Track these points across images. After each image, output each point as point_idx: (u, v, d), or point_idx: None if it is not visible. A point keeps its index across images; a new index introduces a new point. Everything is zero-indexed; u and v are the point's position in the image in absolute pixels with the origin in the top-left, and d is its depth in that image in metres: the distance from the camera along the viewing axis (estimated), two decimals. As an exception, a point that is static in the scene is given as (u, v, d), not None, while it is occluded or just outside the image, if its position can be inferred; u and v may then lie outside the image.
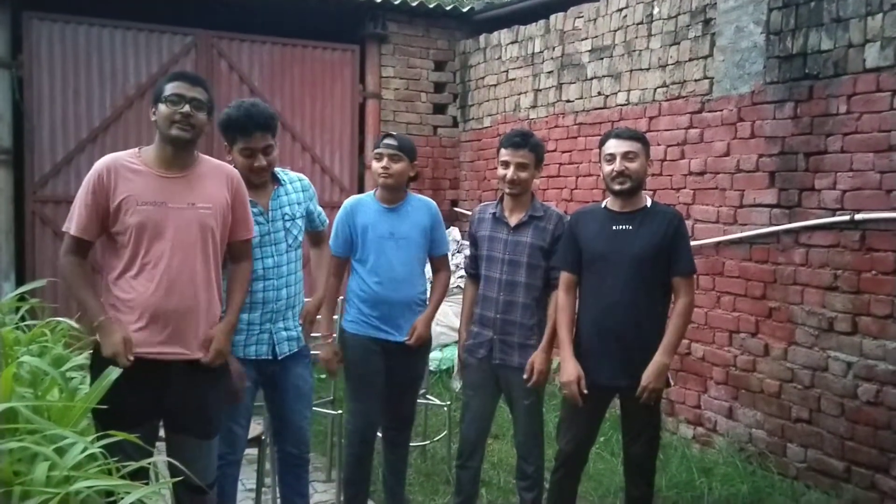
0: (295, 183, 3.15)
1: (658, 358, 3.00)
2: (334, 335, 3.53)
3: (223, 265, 2.72)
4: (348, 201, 3.50)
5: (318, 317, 3.39)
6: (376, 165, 3.37)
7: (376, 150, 3.38)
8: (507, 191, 3.27)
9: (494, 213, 3.35)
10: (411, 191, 3.52)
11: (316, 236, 3.37)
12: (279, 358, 3.05)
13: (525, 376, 3.21)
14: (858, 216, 3.72)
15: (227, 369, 2.76)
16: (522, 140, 3.21)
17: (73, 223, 2.52)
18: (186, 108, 2.50)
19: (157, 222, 2.49)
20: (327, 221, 3.38)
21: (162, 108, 2.52)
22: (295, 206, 3.10)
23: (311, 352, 3.32)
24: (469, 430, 3.41)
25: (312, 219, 3.25)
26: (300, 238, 3.15)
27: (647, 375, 2.98)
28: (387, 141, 3.37)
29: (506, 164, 3.22)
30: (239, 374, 2.86)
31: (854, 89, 3.76)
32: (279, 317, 3.04)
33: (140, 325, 2.48)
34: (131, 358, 2.44)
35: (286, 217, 3.06)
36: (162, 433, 2.70)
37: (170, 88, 2.53)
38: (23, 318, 3.06)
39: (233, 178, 2.70)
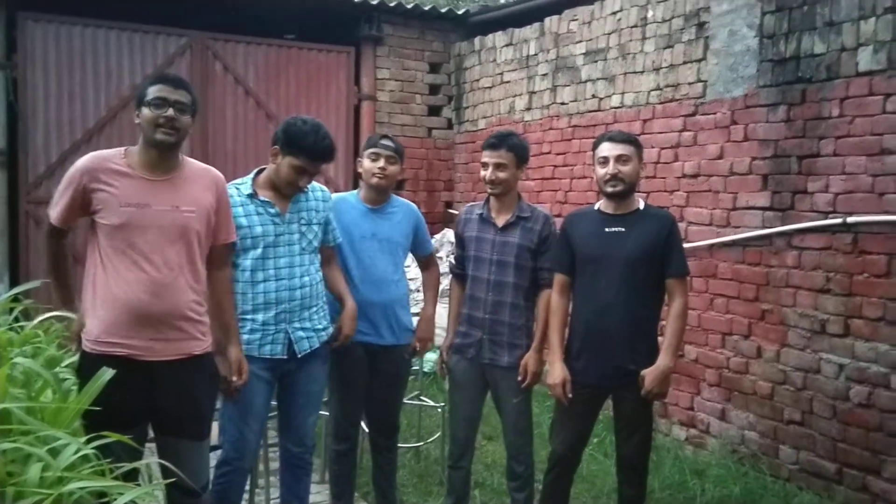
0: (317, 192, 3.15)
1: (661, 361, 3.01)
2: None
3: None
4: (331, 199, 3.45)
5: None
6: (371, 165, 3.33)
7: (373, 150, 3.34)
8: (489, 191, 3.31)
9: (481, 214, 3.37)
10: (399, 193, 3.51)
11: (327, 253, 3.24)
12: (298, 356, 3.04)
13: (519, 378, 3.23)
14: (851, 219, 3.74)
15: (216, 368, 2.76)
16: (499, 141, 3.26)
17: (54, 212, 2.58)
18: (170, 111, 2.49)
19: (140, 224, 2.49)
20: (340, 239, 3.29)
21: (145, 111, 2.50)
22: (313, 212, 3.10)
23: None
24: (459, 431, 3.42)
25: (327, 231, 3.19)
26: (315, 243, 3.11)
27: (651, 380, 2.99)
28: (385, 142, 3.35)
29: (485, 165, 3.27)
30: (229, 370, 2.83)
31: (847, 93, 3.78)
32: (294, 316, 3.02)
33: (123, 326, 2.48)
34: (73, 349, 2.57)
35: (302, 221, 3.06)
36: (152, 435, 2.70)
37: (153, 91, 2.51)
38: (16, 319, 3.06)
39: (218, 182, 2.71)
